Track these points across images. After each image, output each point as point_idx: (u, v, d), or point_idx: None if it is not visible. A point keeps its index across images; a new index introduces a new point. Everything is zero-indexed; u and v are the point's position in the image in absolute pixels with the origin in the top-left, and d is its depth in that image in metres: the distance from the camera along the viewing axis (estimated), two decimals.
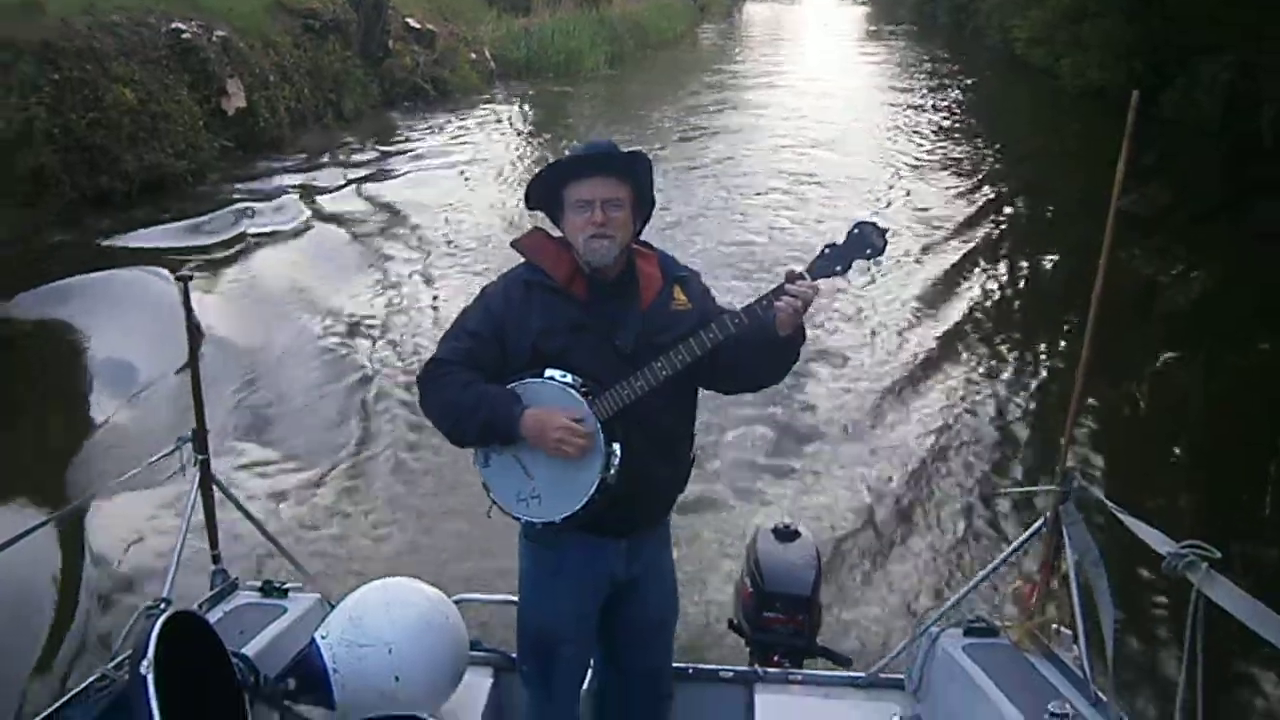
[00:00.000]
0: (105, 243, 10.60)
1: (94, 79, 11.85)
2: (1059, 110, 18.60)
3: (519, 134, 18.10)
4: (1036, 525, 2.93)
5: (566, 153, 2.73)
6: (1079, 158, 14.52)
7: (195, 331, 3.13)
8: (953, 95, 21.63)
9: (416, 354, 8.21)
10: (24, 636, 5.09)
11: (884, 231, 2.48)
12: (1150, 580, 4.79)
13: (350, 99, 17.45)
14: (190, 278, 3.11)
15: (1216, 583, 2.07)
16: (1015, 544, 3.07)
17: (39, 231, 10.47)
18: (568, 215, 2.63)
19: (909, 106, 20.50)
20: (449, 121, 18.05)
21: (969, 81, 22.77)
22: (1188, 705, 2.13)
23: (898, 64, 28.07)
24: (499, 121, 18.61)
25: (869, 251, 2.46)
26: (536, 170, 2.69)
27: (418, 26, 20.24)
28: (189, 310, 3.07)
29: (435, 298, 9.76)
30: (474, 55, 21.18)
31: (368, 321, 9.21)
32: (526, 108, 19.89)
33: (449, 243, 11.52)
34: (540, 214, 2.75)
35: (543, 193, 2.67)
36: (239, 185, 13.22)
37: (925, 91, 22.31)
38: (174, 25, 13.92)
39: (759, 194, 13.68)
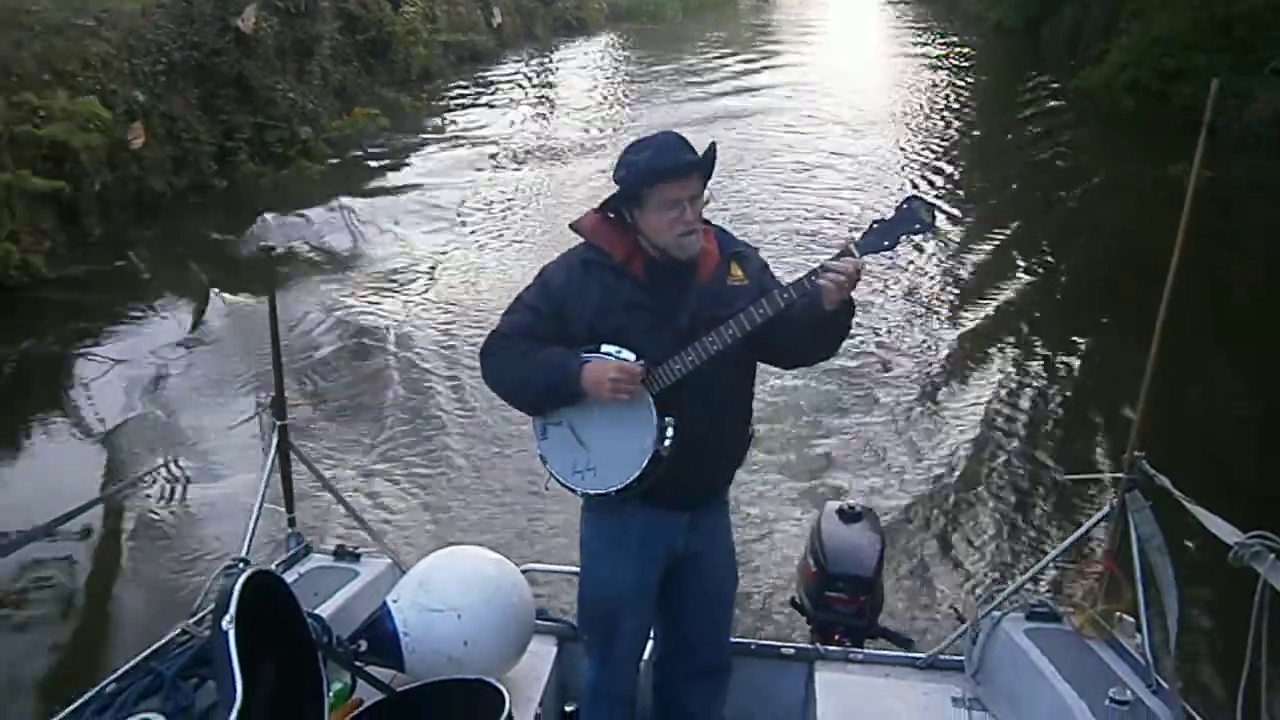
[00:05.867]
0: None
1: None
2: (984, 39, 28.37)
3: (626, 51, 29.07)
4: (1103, 512, 2.90)
5: (648, 153, 2.60)
6: (988, 61, 25.46)
7: (276, 301, 3.20)
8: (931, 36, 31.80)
9: None
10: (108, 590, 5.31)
11: (932, 208, 2.47)
12: (1215, 569, 4.70)
13: (538, 27, 29.35)
14: (274, 249, 3.20)
15: None
16: (1080, 530, 3.04)
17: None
18: (651, 211, 2.61)
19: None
20: (591, 42, 29.47)
21: (944, 28, 33.01)
22: (1249, 694, 2.12)
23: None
24: (615, 44, 30.09)
25: (917, 227, 2.45)
26: (628, 164, 2.62)
27: None
28: (271, 280, 3.15)
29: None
30: (597, 5, 33.85)
31: None
32: (633, 38, 31.18)
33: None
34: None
35: (633, 182, 2.62)
36: (503, 63, 24.10)
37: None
38: None
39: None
